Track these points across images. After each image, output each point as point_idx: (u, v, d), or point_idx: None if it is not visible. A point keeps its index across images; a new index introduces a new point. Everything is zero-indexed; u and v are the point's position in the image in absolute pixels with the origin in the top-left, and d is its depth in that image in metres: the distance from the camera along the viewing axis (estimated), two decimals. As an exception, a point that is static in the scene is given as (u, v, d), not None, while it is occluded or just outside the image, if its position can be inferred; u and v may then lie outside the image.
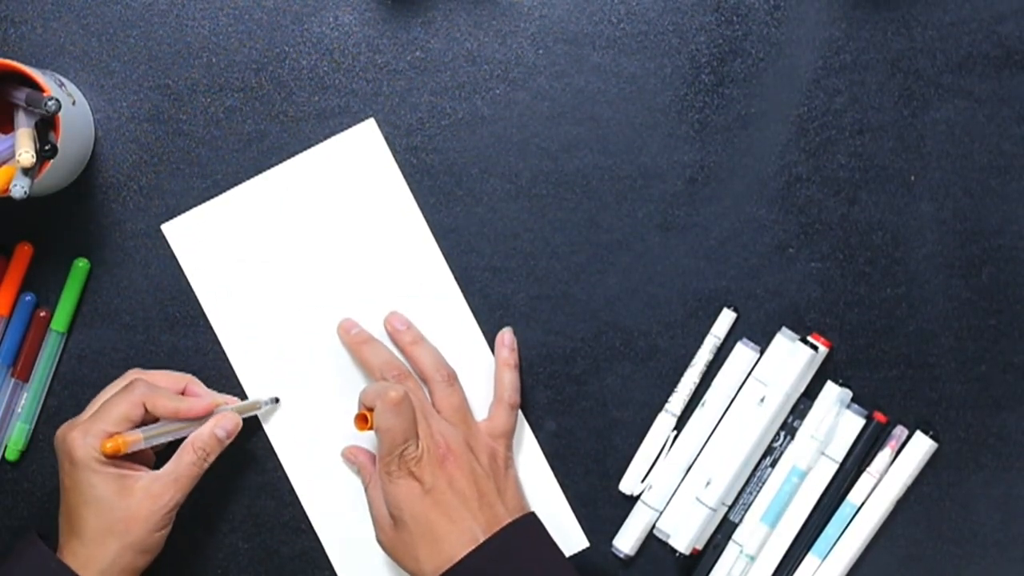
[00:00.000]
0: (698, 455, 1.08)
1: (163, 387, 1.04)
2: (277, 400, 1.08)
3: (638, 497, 1.08)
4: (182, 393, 1.05)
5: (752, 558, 1.07)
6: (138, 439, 1.00)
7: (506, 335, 1.07)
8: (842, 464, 1.07)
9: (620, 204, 1.08)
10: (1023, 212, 1.07)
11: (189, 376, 1.07)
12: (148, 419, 1.02)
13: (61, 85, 1.03)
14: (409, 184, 1.08)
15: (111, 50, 1.08)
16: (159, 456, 1.06)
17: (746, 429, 1.06)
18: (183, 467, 1.02)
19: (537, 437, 1.09)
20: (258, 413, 1.08)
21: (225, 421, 1.04)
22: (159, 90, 1.08)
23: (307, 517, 1.09)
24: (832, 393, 1.06)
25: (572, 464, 1.09)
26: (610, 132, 1.08)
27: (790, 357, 1.05)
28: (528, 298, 1.08)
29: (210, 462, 1.03)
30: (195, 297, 1.09)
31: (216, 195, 1.08)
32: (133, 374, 1.05)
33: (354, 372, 1.09)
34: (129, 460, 1.02)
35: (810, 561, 1.07)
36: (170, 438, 1.03)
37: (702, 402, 1.07)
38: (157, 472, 1.02)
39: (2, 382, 1.08)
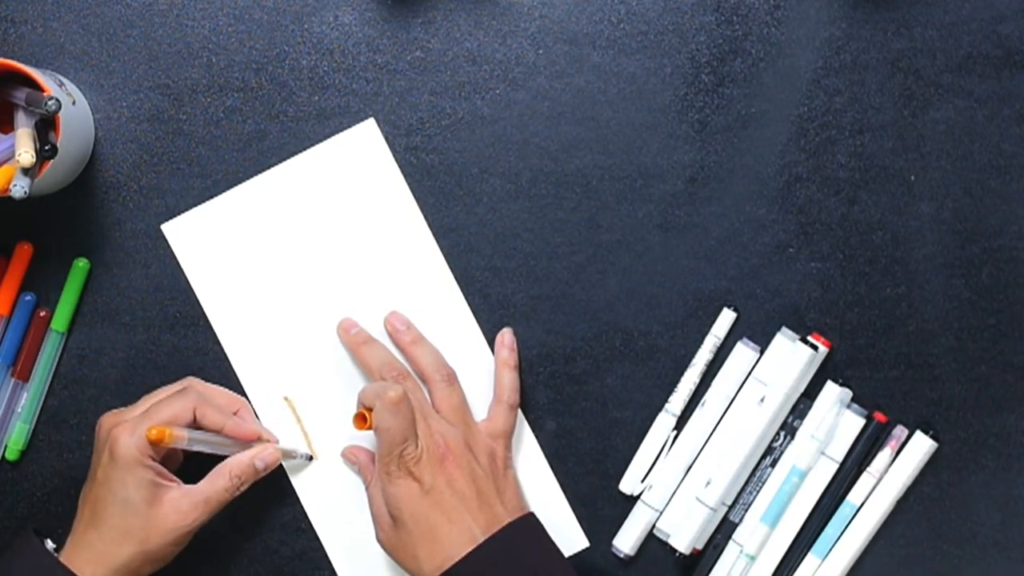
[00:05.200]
0: (698, 455, 1.08)
1: (216, 400, 1.04)
2: (311, 458, 1.08)
3: (638, 497, 1.08)
4: (234, 415, 1.06)
5: (752, 558, 1.07)
6: (183, 437, 1.00)
7: (506, 335, 1.07)
8: (842, 464, 1.07)
9: (620, 204, 1.08)
10: (1023, 212, 1.07)
11: (244, 401, 1.07)
12: (194, 428, 1.03)
13: (61, 85, 1.03)
14: (409, 184, 1.08)
15: (111, 50, 1.08)
16: (191, 473, 1.05)
17: (746, 429, 1.06)
18: (215, 490, 1.02)
19: (537, 437, 1.09)
20: (288, 463, 1.08)
21: (266, 454, 1.04)
22: (159, 90, 1.08)
23: (307, 517, 1.09)
24: (832, 393, 1.06)
25: (572, 464, 1.09)
26: (610, 132, 1.08)
27: (790, 357, 1.05)
28: (528, 298, 1.08)
29: (242, 490, 1.04)
30: (195, 297, 1.09)
31: (216, 195, 1.08)
32: (189, 381, 1.06)
33: (354, 372, 1.09)
34: (162, 463, 1.02)
35: (810, 561, 1.07)
36: (209, 449, 1.03)
37: (702, 402, 1.07)
38: (189, 488, 1.02)
39: (2, 382, 1.08)
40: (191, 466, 1.06)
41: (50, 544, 1.02)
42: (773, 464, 1.07)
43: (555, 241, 1.08)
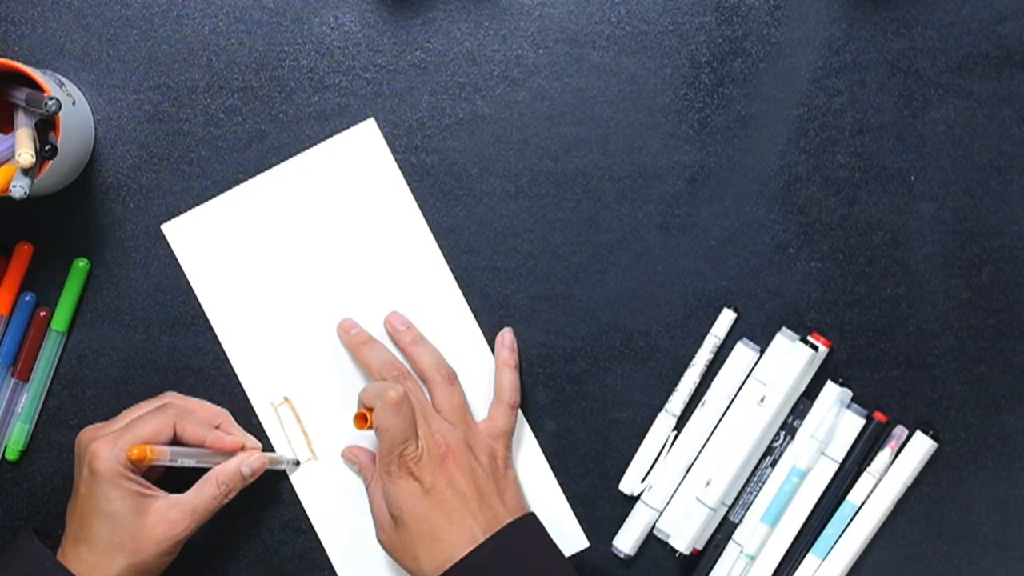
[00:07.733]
0: (698, 455, 1.08)
1: (196, 415, 1.04)
2: (299, 463, 1.08)
3: (638, 497, 1.08)
4: (215, 427, 1.06)
5: (752, 558, 1.07)
6: (164, 453, 0.99)
7: (506, 335, 1.07)
8: (842, 464, 1.07)
9: (620, 204, 1.08)
10: (1023, 212, 1.07)
11: (225, 412, 1.07)
12: (175, 443, 1.02)
13: (61, 85, 1.03)
14: (409, 184, 1.08)
15: (111, 50, 1.08)
16: (173, 485, 1.05)
17: (746, 429, 1.06)
18: (203, 499, 1.02)
19: (537, 437, 1.09)
20: (278, 468, 1.08)
21: (252, 460, 1.04)
22: (159, 90, 1.08)
23: (307, 517, 1.09)
24: (832, 393, 1.06)
25: (572, 464, 1.09)
26: (610, 132, 1.08)
27: (790, 357, 1.05)
28: (528, 298, 1.08)
29: (230, 498, 1.03)
30: (195, 297, 1.09)
31: (216, 195, 1.08)
32: (169, 397, 1.05)
33: (354, 372, 1.09)
34: (143, 476, 1.02)
35: (810, 561, 1.07)
36: (193, 462, 1.02)
37: (702, 402, 1.07)
38: (176, 497, 1.02)
39: (2, 382, 1.08)
40: (172, 478, 1.05)
41: None
42: (773, 464, 1.07)
43: (555, 241, 1.08)
